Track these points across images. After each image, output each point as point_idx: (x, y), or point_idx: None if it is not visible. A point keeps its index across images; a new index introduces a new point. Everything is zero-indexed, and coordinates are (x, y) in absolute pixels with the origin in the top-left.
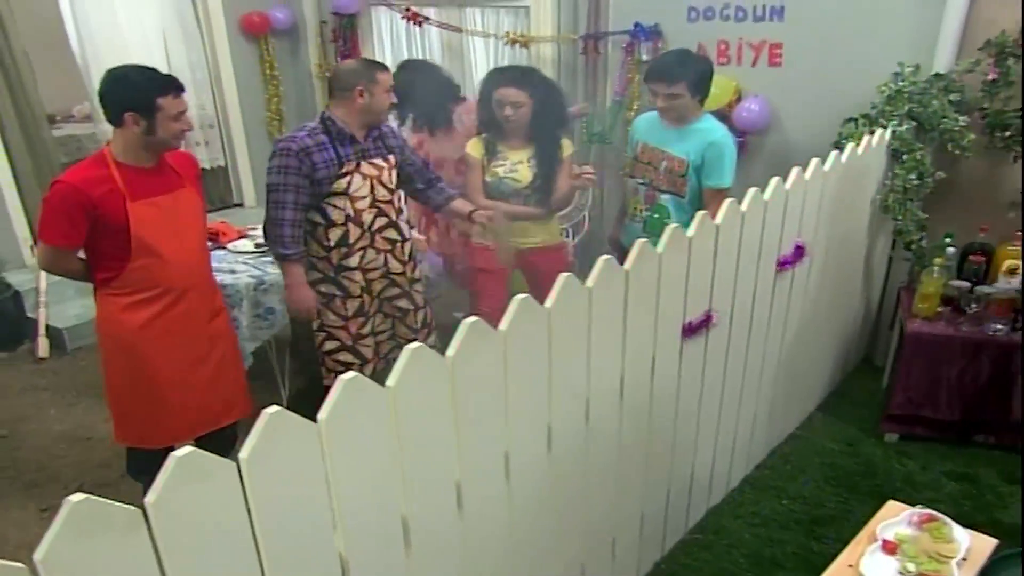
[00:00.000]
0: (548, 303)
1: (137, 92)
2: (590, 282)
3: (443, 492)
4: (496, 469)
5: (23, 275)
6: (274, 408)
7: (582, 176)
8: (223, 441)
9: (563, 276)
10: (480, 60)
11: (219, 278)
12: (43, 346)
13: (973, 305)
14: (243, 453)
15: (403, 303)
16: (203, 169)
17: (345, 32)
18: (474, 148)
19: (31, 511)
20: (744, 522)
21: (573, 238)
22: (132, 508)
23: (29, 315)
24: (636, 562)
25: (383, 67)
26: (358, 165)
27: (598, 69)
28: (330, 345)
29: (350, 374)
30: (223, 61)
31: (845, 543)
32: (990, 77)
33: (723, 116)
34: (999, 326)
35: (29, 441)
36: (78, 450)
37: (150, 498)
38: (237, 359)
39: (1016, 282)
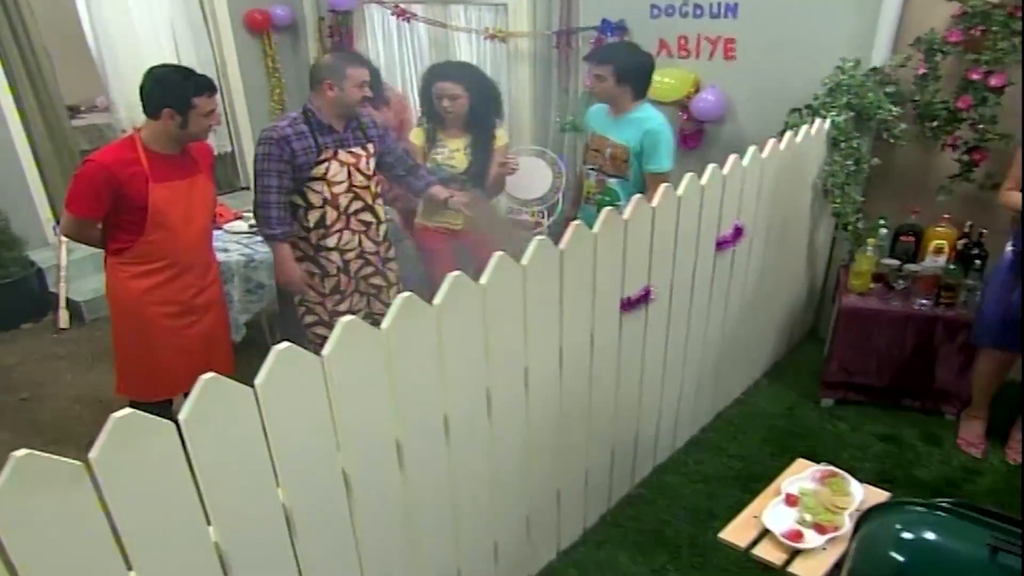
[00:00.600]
0: (482, 280)
1: (177, 92)
2: (524, 261)
3: (383, 450)
4: (436, 429)
5: (46, 253)
6: (210, 374)
7: (507, 164)
8: None
9: (497, 255)
10: (464, 54)
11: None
12: (63, 318)
13: (901, 282)
14: (182, 415)
15: (377, 280)
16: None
17: (341, 28)
18: (416, 136)
19: None
20: (686, 479)
21: (548, 219)
22: (76, 463)
23: (51, 289)
24: (582, 514)
25: (357, 63)
26: (335, 153)
27: (570, 62)
28: (310, 319)
29: (283, 344)
30: (228, 55)
31: None
32: (920, 71)
33: (683, 105)
34: (924, 301)
35: (48, 403)
36: (92, 411)
37: (92, 454)
38: (226, 327)
39: (942, 261)
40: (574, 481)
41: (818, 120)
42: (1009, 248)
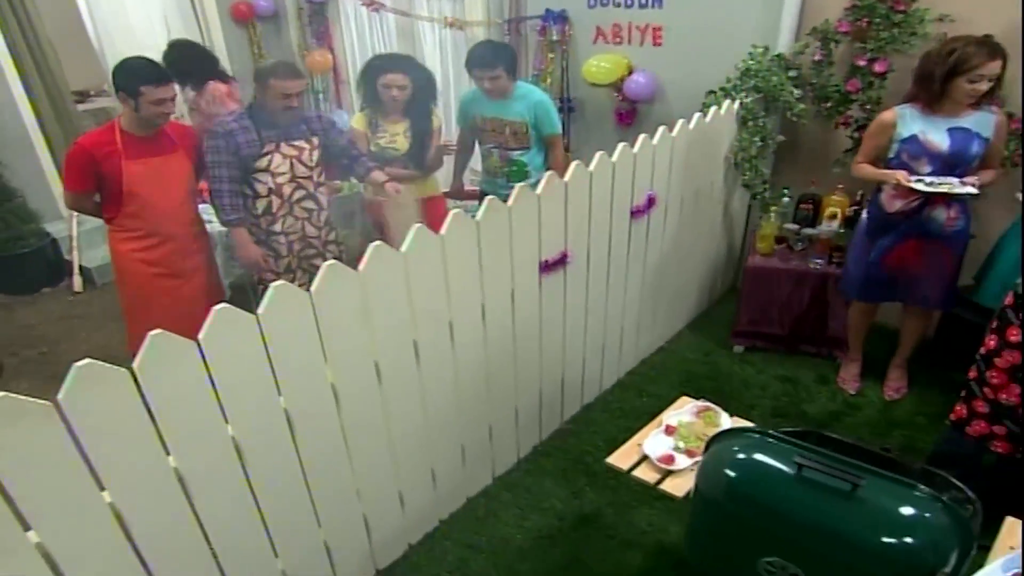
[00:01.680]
0: (403, 248)
1: (127, 78)
2: (443, 231)
3: (320, 393)
4: (368, 375)
5: (59, 225)
6: (157, 331)
7: (447, 146)
8: None
9: (416, 226)
10: (428, 42)
11: None
12: (77, 282)
13: (800, 244)
14: (135, 363)
15: (318, 261)
16: None
17: (317, 17)
18: (358, 122)
19: None
20: (609, 415)
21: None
22: (45, 402)
23: (66, 257)
24: (515, 445)
25: (284, 74)
26: (278, 146)
27: (520, 48)
28: None
29: (221, 305)
30: (217, 43)
31: None
32: (817, 58)
33: (617, 87)
34: (819, 260)
35: (64, 357)
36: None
37: (60, 396)
38: (213, 288)
39: (835, 225)
40: (505, 418)
41: (728, 101)
42: (864, 214)
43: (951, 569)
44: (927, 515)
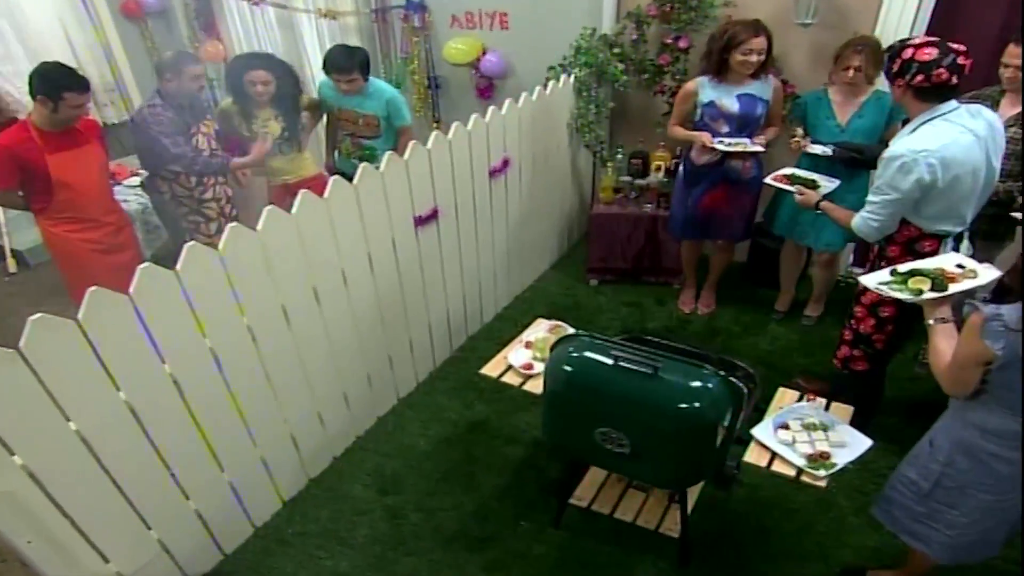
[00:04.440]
0: (293, 211)
1: (50, 84)
2: (326, 195)
3: (238, 335)
4: (277, 317)
5: None
6: (94, 288)
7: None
8: None
9: (304, 193)
10: (306, 32)
11: None
12: (11, 264)
13: (634, 193)
14: (80, 315)
15: (242, 216)
16: (112, 124)
17: (204, 11)
18: (227, 107)
19: None
20: (491, 343)
21: None
22: (9, 350)
23: None
24: (413, 372)
25: (193, 61)
26: (198, 127)
27: (387, 35)
28: None
29: (144, 264)
30: (113, 40)
31: None
32: (633, 37)
33: (474, 66)
34: (649, 205)
35: (9, 334)
36: None
37: (22, 343)
38: (138, 259)
39: (661, 176)
40: (401, 349)
41: (564, 75)
42: (680, 168)
43: (727, 423)
44: (709, 385)
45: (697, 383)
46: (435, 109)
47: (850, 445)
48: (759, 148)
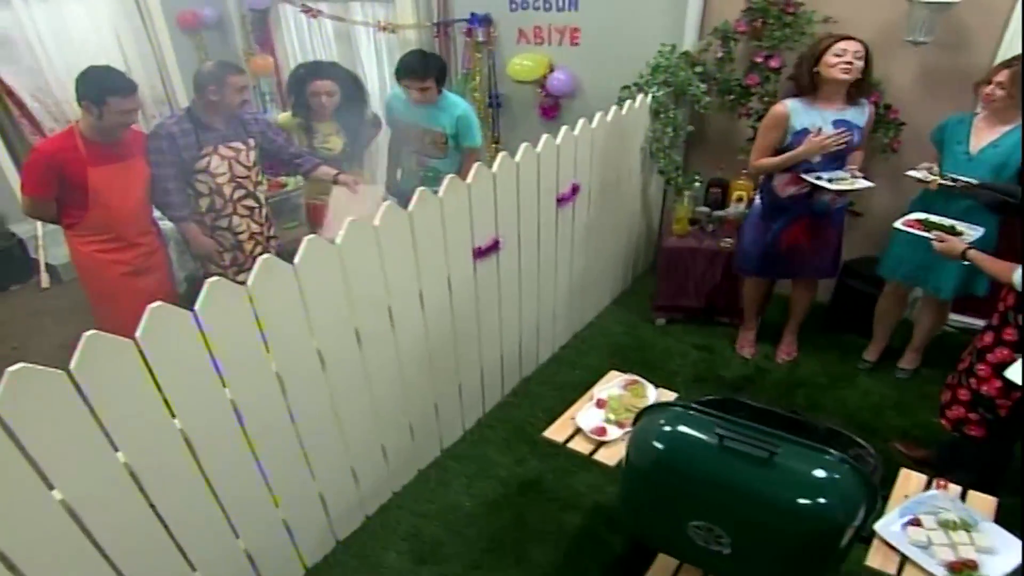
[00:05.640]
0: (337, 241)
1: (93, 88)
2: (376, 222)
3: (266, 384)
4: (312, 364)
5: (25, 225)
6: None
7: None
8: None
9: (348, 219)
10: (363, 45)
11: None
12: (45, 279)
13: (711, 225)
14: (137, 333)
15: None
16: None
17: (259, 24)
18: (285, 121)
19: None
20: (547, 387)
21: None
22: (59, 371)
23: (33, 256)
24: (460, 419)
25: (236, 70)
26: (216, 148)
27: (449, 49)
28: None
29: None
30: (167, 52)
31: None
32: (718, 55)
33: (540, 84)
34: (728, 239)
35: (34, 351)
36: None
37: (72, 366)
38: (170, 285)
39: (741, 207)
40: (449, 395)
41: (641, 95)
42: (757, 198)
43: (859, 523)
44: (836, 476)
45: (821, 472)
46: (495, 129)
47: (1000, 551)
48: (868, 184)
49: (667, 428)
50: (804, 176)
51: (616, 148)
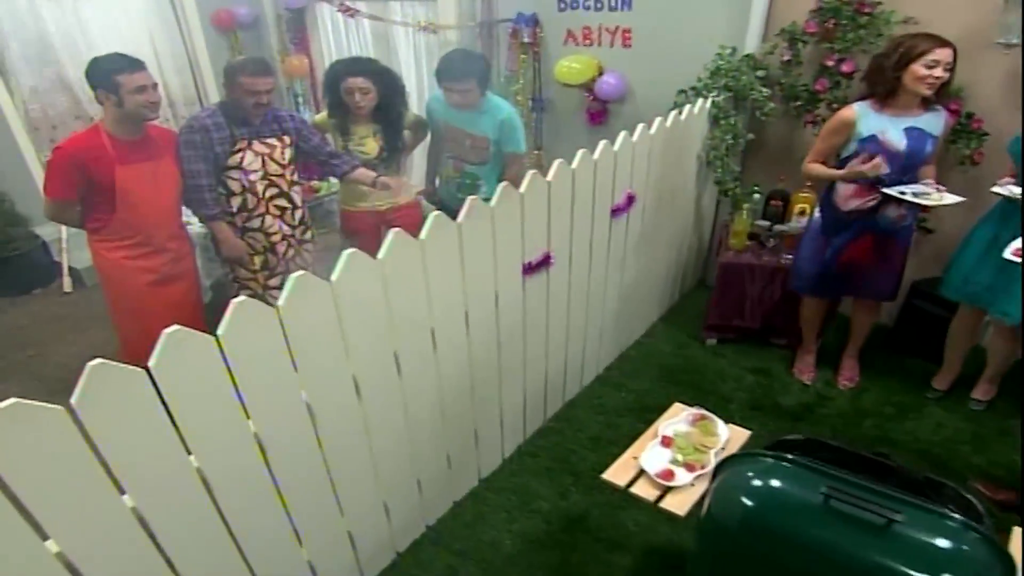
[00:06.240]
0: (380, 255)
1: (100, 72)
2: (422, 235)
3: (297, 413)
4: (346, 392)
5: (49, 228)
6: (174, 327)
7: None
8: None
9: (392, 232)
10: (402, 46)
11: None
12: (67, 283)
13: (771, 240)
14: (151, 362)
15: (299, 261)
16: None
17: (295, 24)
18: (321, 120)
19: None
20: (592, 411)
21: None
22: (57, 407)
23: (56, 259)
24: (500, 447)
25: (251, 71)
26: (250, 143)
27: (492, 50)
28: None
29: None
30: (200, 51)
31: None
32: (785, 58)
33: (589, 88)
34: (789, 256)
35: (52, 359)
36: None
37: (73, 399)
38: (196, 293)
39: (804, 221)
40: (489, 421)
41: (700, 100)
42: (817, 212)
43: None
44: (964, 548)
45: (947, 542)
46: (538, 134)
47: None
48: (957, 199)
49: (757, 482)
50: (887, 190)
51: (674, 157)
